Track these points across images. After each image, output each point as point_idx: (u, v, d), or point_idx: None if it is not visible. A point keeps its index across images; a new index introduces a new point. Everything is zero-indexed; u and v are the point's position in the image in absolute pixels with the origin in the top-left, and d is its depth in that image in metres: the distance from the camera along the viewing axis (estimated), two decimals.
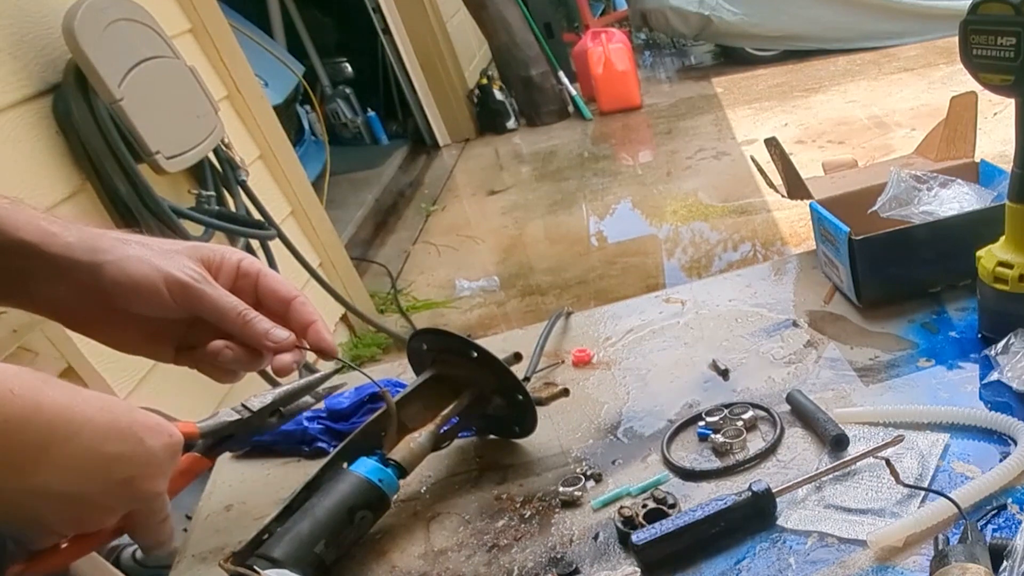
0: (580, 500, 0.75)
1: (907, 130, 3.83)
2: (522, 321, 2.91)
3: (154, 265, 0.62)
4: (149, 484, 0.53)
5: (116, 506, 0.53)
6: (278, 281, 0.70)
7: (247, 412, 0.67)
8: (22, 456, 0.46)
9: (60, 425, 0.47)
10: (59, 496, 0.49)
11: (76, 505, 0.50)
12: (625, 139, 4.90)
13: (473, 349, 0.78)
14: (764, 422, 0.79)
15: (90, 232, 0.62)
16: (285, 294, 0.69)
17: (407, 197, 4.47)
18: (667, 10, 5.31)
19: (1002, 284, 0.77)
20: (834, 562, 0.63)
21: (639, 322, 1.01)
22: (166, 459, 0.54)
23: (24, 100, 1.61)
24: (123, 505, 0.53)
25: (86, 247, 0.61)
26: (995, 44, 0.67)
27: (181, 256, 0.65)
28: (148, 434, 0.52)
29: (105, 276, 0.61)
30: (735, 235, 3.26)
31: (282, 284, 0.70)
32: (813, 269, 1.04)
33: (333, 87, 5.07)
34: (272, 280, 0.69)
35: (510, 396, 0.80)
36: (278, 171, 2.58)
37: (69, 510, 0.50)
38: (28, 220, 0.60)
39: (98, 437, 0.49)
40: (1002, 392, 0.75)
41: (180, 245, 0.66)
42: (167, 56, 1.89)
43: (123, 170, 1.71)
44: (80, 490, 0.49)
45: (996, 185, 0.95)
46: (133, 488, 0.52)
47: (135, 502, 0.53)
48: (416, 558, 0.73)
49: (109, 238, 0.63)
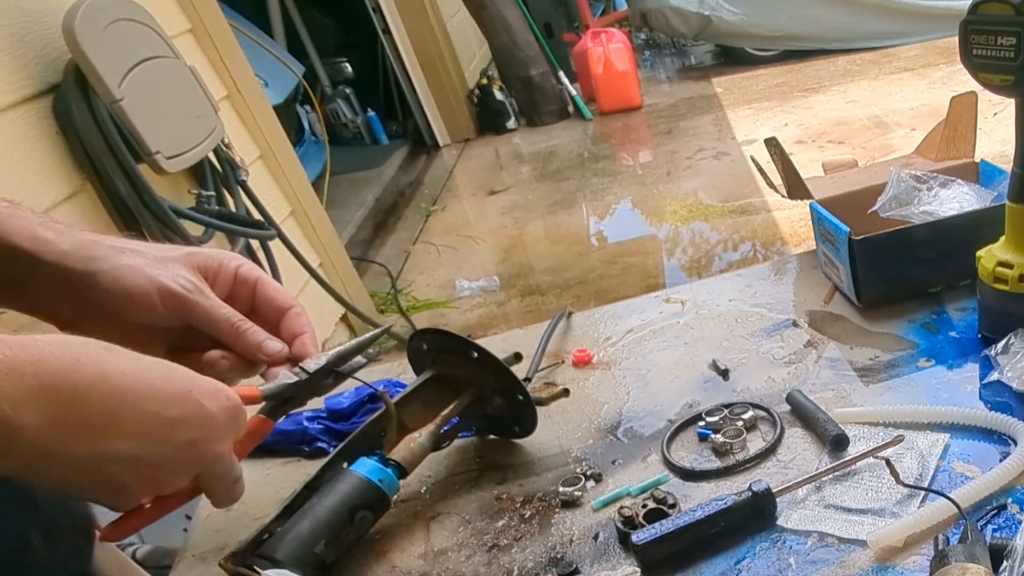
0: (580, 500, 0.75)
1: (907, 130, 3.83)
2: (522, 321, 2.91)
3: (147, 275, 0.63)
4: (212, 446, 0.55)
5: (184, 468, 0.55)
6: (276, 290, 0.70)
7: (304, 374, 0.67)
8: (93, 422, 0.48)
9: (125, 391, 0.49)
10: (130, 459, 0.51)
11: (147, 467, 0.52)
12: (625, 139, 4.89)
13: (473, 349, 0.78)
14: (764, 422, 0.79)
15: (85, 239, 0.63)
16: (281, 303, 0.69)
17: (407, 197, 4.46)
18: (667, 10, 5.31)
19: (1002, 284, 0.77)
20: (834, 562, 0.63)
21: (639, 322, 1.01)
22: (226, 421, 0.56)
23: (24, 100, 1.61)
24: (191, 466, 0.55)
25: (80, 255, 0.62)
26: (995, 44, 0.67)
27: (175, 264, 0.65)
28: (207, 398, 0.54)
29: (98, 285, 0.62)
30: (735, 235, 3.25)
31: (279, 293, 0.70)
32: (813, 269, 1.04)
33: (333, 87, 5.06)
34: (270, 288, 0.69)
35: (510, 396, 0.80)
36: (278, 171, 2.57)
37: (142, 473, 0.52)
38: (24, 226, 0.60)
39: (161, 402, 0.51)
40: (1002, 392, 0.75)
41: (176, 252, 0.66)
42: (167, 56, 1.89)
43: (123, 170, 1.71)
44: (149, 452, 0.51)
45: (996, 185, 0.95)
46: (197, 450, 0.54)
47: (202, 464, 0.55)
48: (416, 558, 0.73)
49: (104, 246, 0.63)
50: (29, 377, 0.45)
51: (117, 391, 0.49)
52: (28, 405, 0.45)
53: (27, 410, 0.45)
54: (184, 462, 0.54)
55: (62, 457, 0.47)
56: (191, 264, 0.66)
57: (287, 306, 0.69)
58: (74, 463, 0.48)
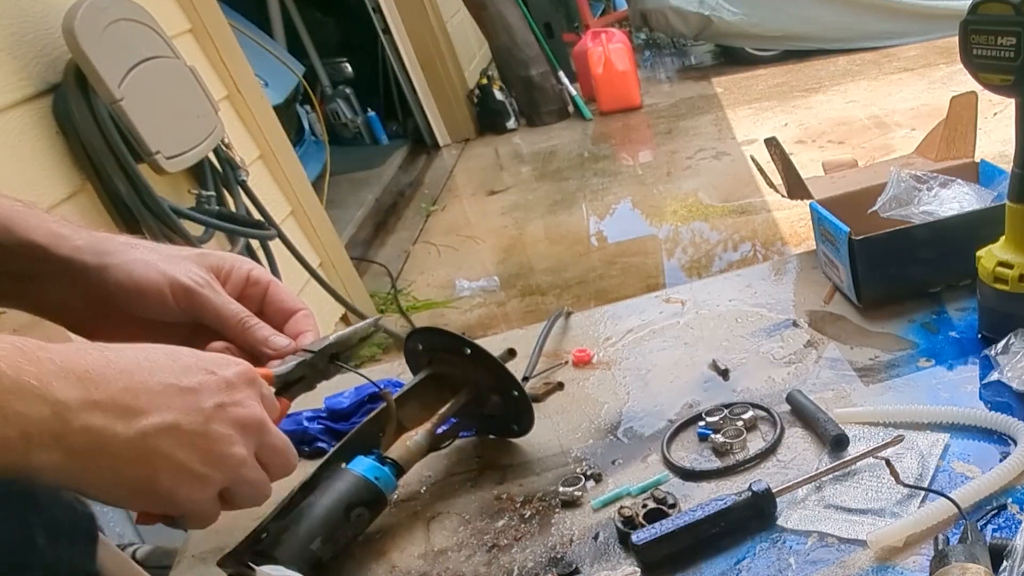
0: (580, 500, 0.75)
1: (907, 130, 3.82)
2: (522, 321, 2.91)
3: (159, 269, 0.64)
4: (240, 410, 0.54)
5: (230, 433, 0.53)
6: (286, 293, 0.71)
7: (309, 353, 0.67)
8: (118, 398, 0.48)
9: (134, 368, 0.50)
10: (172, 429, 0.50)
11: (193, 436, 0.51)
12: (625, 139, 4.89)
13: (467, 346, 0.79)
14: (764, 422, 0.79)
15: (98, 236, 0.64)
16: (291, 306, 0.70)
17: (407, 197, 4.46)
18: (667, 10, 5.30)
19: (1002, 284, 0.77)
20: (834, 562, 0.63)
21: (639, 322, 1.01)
22: (243, 383, 0.55)
23: (24, 100, 1.61)
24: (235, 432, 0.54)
25: (94, 250, 0.63)
26: (995, 44, 0.67)
27: (188, 262, 0.66)
28: (216, 365, 0.55)
29: (110, 278, 0.63)
30: (735, 235, 3.25)
31: (289, 297, 0.71)
32: (813, 269, 1.04)
33: (333, 87, 5.06)
34: (281, 292, 0.70)
35: (506, 393, 0.80)
36: (278, 171, 2.57)
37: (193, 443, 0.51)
38: (40, 223, 0.62)
39: (174, 373, 0.52)
40: (1002, 392, 0.75)
41: (188, 251, 0.68)
42: (167, 56, 1.89)
43: (123, 170, 1.71)
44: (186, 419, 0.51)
45: (996, 185, 0.95)
46: (229, 412, 0.53)
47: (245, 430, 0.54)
48: (416, 558, 0.73)
49: (117, 242, 0.64)
50: (46, 361, 0.45)
51: (127, 370, 0.49)
52: (58, 379, 0.45)
53: (58, 383, 0.45)
54: (224, 426, 0.53)
55: (110, 442, 0.47)
56: (203, 263, 0.67)
57: (296, 309, 0.70)
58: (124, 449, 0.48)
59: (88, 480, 0.48)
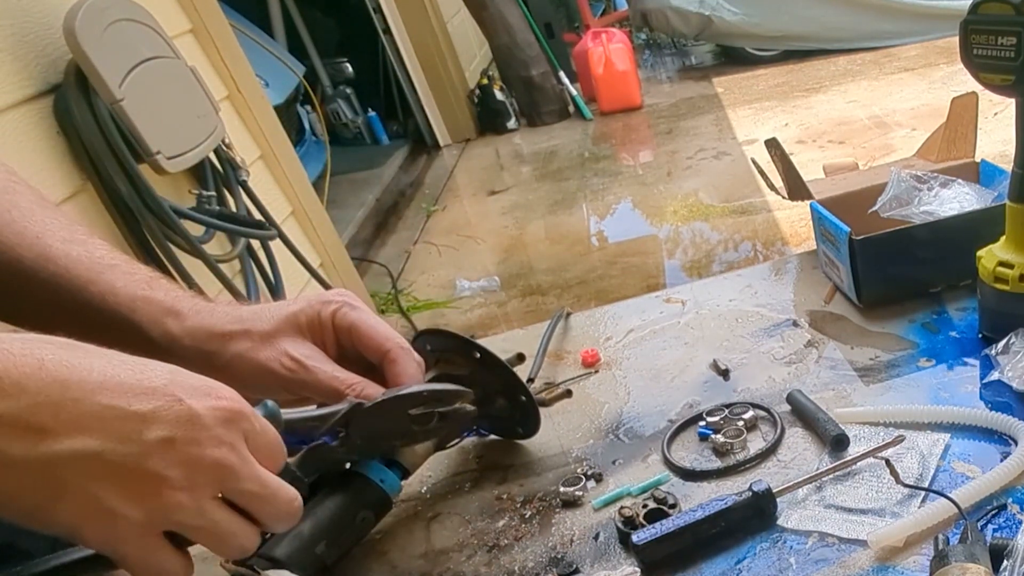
0: (580, 500, 0.75)
1: (907, 130, 3.83)
2: (523, 321, 2.91)
3: (256, 363, 0.63)
4: (197, 449, 0.47)
5: (171, 475, 0.46)
6: (369, 333, 0.68)
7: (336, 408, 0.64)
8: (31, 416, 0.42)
9: (73, 381, 0.43)
10: (88, 457, 0.43)
11: (117, 468, 0.44)
12: (625, 139, 4.90)
13: (476, 350, 0.78)
14: (764, 422, 0.79)
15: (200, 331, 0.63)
16: (377, 345, 0.68)
17: (408, 197, 4.47)
18: (667, 10, 5.31)
19: (1002, 284, 0.77)
20: (834, 562, 0.63)
21: (639, 322, 1.01)
22: (216, 420, 0.48)
23: (25, 100, 1.61)
24: (180, 474, 0.46)
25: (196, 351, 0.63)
26: (995, 44, 0.67)
27: (280, 339, 0.64)
28: (191, 395, 0.47)
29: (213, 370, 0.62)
30: (735, 235, 3.25)
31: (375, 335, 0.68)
32: (814, 269, 1.04)
33: (334, 87, 5.07)
34: (363, 333, 0.67)
35: (513, 397, 0.80)
36: (279, 171, 2.57)
37: (115, 476, 0.44)
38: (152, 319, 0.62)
39: (125, 394, 0.45)
40: (1002, 392, 0.75)
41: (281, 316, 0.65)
42: (168, 56, 1.89)
43: (124, 170, 1.71)
44: (113, 449, 0.44)
45: (996, 185, 0.95)
46: (178, 451, 0.46)
47: (193, 470, 0.47)
48: (416, 558, 0.73)
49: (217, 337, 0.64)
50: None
51: (62, 380, 0.43)
52: None
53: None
54: (165, 463, 0.46)
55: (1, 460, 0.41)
56: (296, 329, 0.65)
57: (383, 349, 0.68)
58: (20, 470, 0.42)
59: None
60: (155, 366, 0.48)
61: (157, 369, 0.48)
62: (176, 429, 0.46)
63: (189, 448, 0.46)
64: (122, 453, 0.44)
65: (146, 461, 0.45)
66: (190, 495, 0.47)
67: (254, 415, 0.51)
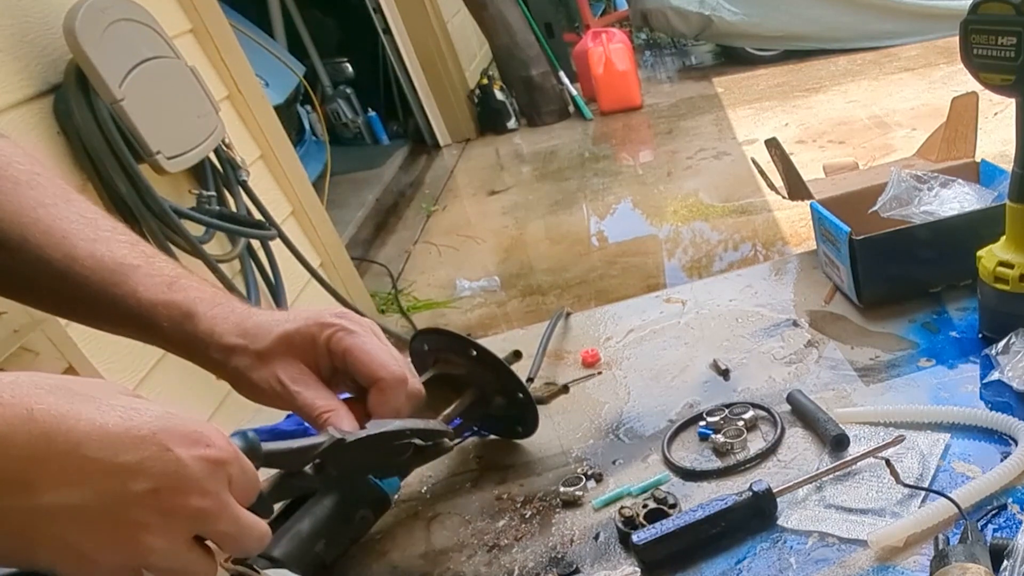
0: (581, 500, 0.75)
1: (907, 130, 3.83)
2: (523, 321, 2.91)
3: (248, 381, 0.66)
4: (182, 499, 0.46)
5: (151, 522, 0.46)
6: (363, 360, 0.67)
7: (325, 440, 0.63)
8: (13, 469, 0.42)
9: (59, 433, 0.43)
10: (70, 512, 0.44)
11: (98, 523, 0.45)
12: (626, 139, 4.90)
13: (473, 348, 0.79)
14: (765, 422, 0.79)
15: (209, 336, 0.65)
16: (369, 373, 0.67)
17: (408, 197, 4.46)
18: (667, 10, 5.31)
19: (1002, 284, 0.77)
20: (835, 562, 0.63)
21: (640, 322, 1.01)
22: (202, 473, 0.47)
23: (25, 100, 1.61)
24: (159, 521, 0.46)
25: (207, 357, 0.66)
26: (995, 44, 0.67)
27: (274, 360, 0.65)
28: (176, 442, 0.47)
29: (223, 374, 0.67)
30: (736, 235, 3.25)
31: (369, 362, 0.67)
32: (814, 269, 1.04)
33: (334, 87, 5.07)
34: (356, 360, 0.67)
35: (511, 395, 0.80)
36: (279, 171, 2.57)
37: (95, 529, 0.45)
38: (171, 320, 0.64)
39: (112, 446, 0.44)
40: (1003, 392, 0.75)
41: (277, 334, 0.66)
42: (168, 56, 1.89)
43: (124, 170, 1.71)
44: (95, 503, 0.44)
45: (997, 185, 0.95)
46: (161, 501, 0.46)
47: (173, 517, 0.47)
48: (416, 558, 0.73)
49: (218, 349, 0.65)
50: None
51: (48, 434, 0.42)
52: None
53: None
54: (149, 513, 0.45)
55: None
56: (290, 349, 0.66)
57: (375, 377, 0.67)
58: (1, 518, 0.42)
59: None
60: (145, 410, 0.47)
61: (147, 415, 0.47)
62: (161, 481, 0.46)
63: (174, 498, 0.46)
64: (104, 505, 0.44)
65: (127, 511, 0.45)
66: (166, 539, 0.47)
67: (239, 459, 0.51)
